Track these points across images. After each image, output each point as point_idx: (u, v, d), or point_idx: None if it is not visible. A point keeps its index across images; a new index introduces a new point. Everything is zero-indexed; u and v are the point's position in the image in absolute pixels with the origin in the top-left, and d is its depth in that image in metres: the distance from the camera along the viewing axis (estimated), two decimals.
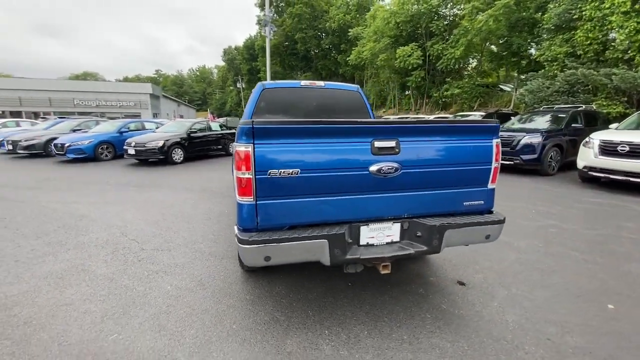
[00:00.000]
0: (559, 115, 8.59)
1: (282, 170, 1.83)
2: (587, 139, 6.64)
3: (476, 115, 11.63)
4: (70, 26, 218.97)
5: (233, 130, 11.32)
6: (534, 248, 3.50)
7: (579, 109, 8.91)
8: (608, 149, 6.11)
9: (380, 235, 2.11)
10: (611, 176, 6.05)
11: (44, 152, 11.20)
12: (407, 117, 16.00)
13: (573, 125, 8.26)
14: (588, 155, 6.43)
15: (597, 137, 6.38)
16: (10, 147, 11.18)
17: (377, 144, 1.95)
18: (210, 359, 1.89)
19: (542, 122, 8.83)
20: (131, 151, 9.43)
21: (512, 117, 10.66)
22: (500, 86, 20.20)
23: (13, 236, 3.80)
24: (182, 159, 9.97)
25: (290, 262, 1.93)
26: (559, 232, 3.96)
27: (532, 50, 12.76)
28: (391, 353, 1.94)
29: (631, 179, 5.77)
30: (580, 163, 6.64)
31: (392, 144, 1.97)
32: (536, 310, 2.38)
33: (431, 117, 14.38)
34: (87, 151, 10.12)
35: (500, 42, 16.19)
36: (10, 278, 2.82)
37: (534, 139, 7.77)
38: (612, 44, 11.25)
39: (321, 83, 4.13)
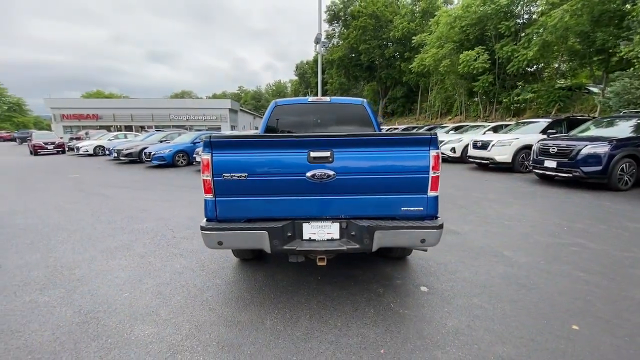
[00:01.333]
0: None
1: (234, 174, 2.32)
2: None
3: (540, 121, 10.41)
4: (174, 52, 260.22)
5: None
6: (532, 265, 3.30)
7: None
8: None
9: (321, 232, 2.43)
10: None
11: (138, 159, 13.81)
12: (466, 125, 15.02)
13: None
14: None
15: None
16: (115, 154, 14.14)
17: (313, 154, 2.30)
18: (182, 317, 2.46)
19: (621, 128, 7.62)
20: (198, 159, 11.07)
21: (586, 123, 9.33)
22: (589, 88, 17.44)
23: (93, 221, 5.08)
24: None
25: (240, 248, 2.41)
26: (578, 251, 3.60)
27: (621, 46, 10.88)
28: (318, 333, 2.24)
29: None
30: None
31: (326, 154, 2.30)
32: (485, 320, 2.38)
33: (490, 125, 13.27)
34: (167, 158, 12.21)
35: (581, 39, 14.11)
36: (80, 249, 3.88)
37: (599, 148, 6.80)
38: None
39: (327, 98, 4.53)
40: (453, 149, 12.67)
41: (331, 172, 2.30)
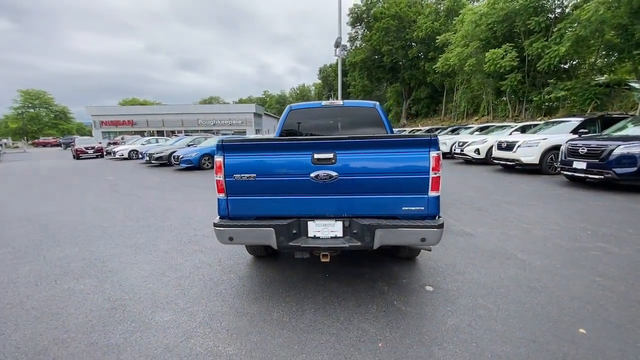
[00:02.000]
0: None
1: (243, 175, 2.51)
2: None
3: (571, 121, 9.87)
4: (203, 60, 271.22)
5: None
6: (546, 268, 3.22)
7: None
8: None
9: (325, 230, 2.56)
10: None
11: (168, 162, 14.59)
12: (491, 125, 14.52)
13: None
14: None
15: None
16: (147, 158, 15.03)
17: (317, 155, 2.44)
18: (197, 306, 2.67)
19: None
20: None
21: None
22: (630, 84, 16.23)
23: (125, 219, 5.51)
24: None
25: (249, 244, 2.59)
26: (598, 256, 3.46)
27: None
28: (320, 326, 2.36)
29: None
30: None
31: (329, 155, 2.43)
32: (487, 319, 2.39)
33: (517, 125, 12.76)
34: (193, 162, 12.82)
35: (619, 32, 13.20)
36: (112, 245, 4.25)
37: (634, 148, 6.40)
38: None
39: (340, 102, 4.65)
40: (477, 150, 12.32)
41: (334, 173, 2.42)
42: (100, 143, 26.46)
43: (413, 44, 34.47)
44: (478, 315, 2.45)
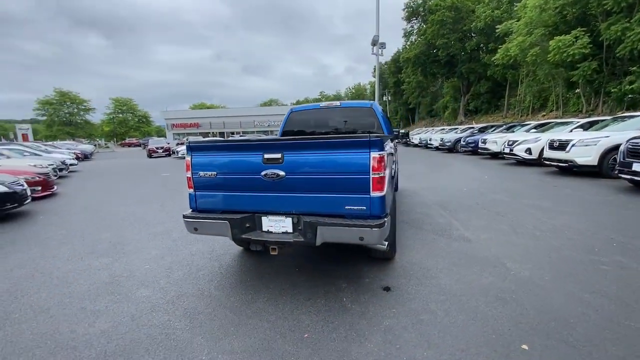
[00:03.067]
0: None
1: (206, 173, 2.81)
2: None
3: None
4: (265, 64, 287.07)
5: None
6: (531, 279, 2.94)
7: None
8: None
9: (277, 226, 2.73)
10: None
11: None
12: (551, 122, 12.85)
13: None
14: None
15: None
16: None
17: (266, 155, 2.62)
18: (173, 287, 3.06)
19: None
20: None
21: None
22: None
23: (158, 210, 6.32)
24: None
25: (210, 234, 2.87)
26: (605, 271, 3.03)
27: None
28: (264, 314, 2.54)
29: None
30: None
31: (277, 156, 2.60)
32: (427, 325, 2.32)
33: (581, 121, 11.16)
34: None
35: None
36: (136, 232, 4.96)
37: None
38: None
39: (337, 103, 4.74)
40: (528, 150, 11.09)
41: (281, 172, 2.59)
42: (168, 143, 29.87)
43: (473, 34, 32.03)
44: (419, 319, 2.39)
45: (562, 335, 2.15)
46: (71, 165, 15.49)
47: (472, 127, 20.65)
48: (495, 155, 13.73)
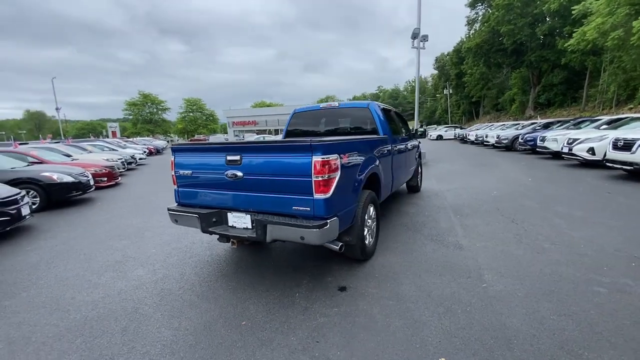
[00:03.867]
0: None
1: (183, 171, 3.19)
2: None
3: None
4: (325, 61, 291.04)
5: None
6: (500, 294, 2.73)
7: None
8: None
9: (239, 222, 2.99)
10: None
11: None
12: (626, 117, 10.86)
13: None
14: None
15: None
16: None
17: (229, 157, 2.89)
18: (163, 270, 3.53)
19: None
20: None
21: None
22: None
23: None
24: None
25: (186, 226, 3.24)
26: (599, 293, 2.67)
27: None
28: (220, 301, 2.83)
29: None
30: None
31: (236, 157, 2.85)
32: (358, 327, 2.36)
33: None
34: None
35: None
36: (160, 219, 5.67)
37: None
38: None
39: (336, 104, 4.80)
40: (591, 150, 9.64)
41: (240, 173, 2.83)
42: (227, 139, 32.39)
43: (546, 17, 28.38)
44: (353, 321, 2.44)
45: (491, 355, 2.02)
46: (140, 159, 17.85)
47: (535, 123, 18.46)
48: (556, 155, 12.16)
